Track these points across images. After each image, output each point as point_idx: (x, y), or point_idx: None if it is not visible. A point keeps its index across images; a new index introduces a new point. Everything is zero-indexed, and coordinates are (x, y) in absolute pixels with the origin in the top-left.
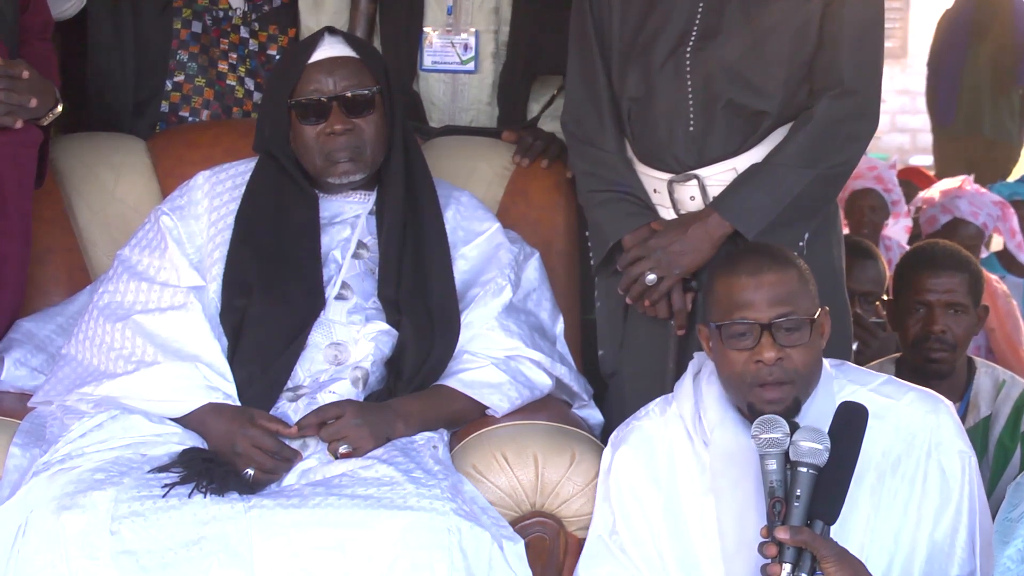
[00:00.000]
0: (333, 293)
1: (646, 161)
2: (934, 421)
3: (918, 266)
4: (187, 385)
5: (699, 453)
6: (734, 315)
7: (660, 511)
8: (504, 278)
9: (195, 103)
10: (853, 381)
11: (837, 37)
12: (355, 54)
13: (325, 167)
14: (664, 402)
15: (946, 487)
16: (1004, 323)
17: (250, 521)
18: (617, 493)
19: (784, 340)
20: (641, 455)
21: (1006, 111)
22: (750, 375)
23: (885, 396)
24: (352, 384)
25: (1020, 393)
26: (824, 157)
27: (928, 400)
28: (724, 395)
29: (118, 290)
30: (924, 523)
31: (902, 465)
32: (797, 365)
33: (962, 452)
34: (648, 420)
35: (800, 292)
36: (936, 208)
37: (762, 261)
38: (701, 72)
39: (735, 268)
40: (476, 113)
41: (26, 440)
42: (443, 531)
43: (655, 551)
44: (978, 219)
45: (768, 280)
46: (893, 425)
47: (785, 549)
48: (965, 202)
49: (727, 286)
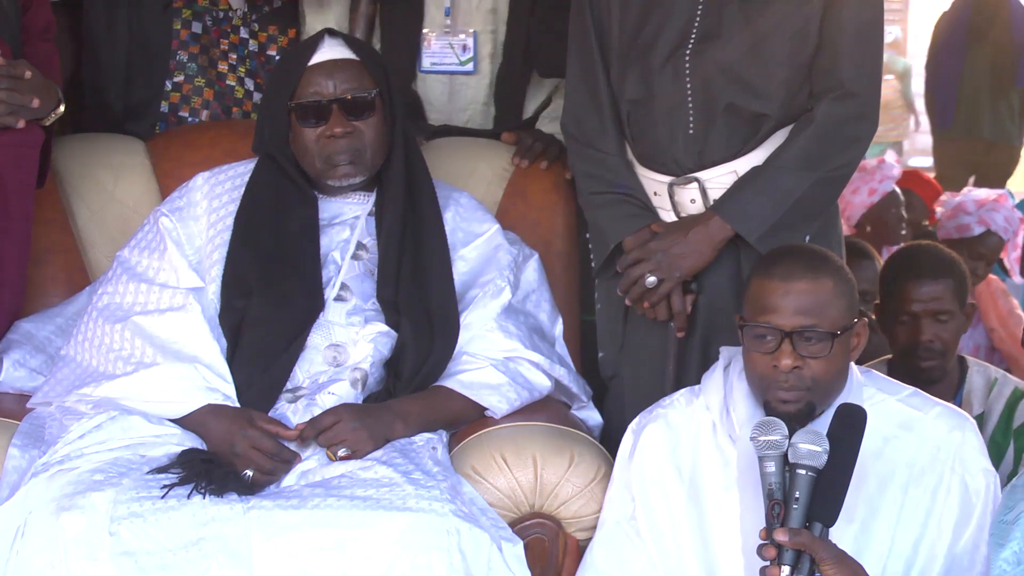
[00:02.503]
0: (332, 295)
1: (646, 163)
2: (960, 438)
3: (902, 274)
4: (186, 386)
5: (723, 447)
6: (759, 318)
7: (682, 502)
8: (503, 279)
9: (195, 103)
10: (882, 390)
11: (837, 38)
12: (355, 56)
13: (325, 169)
14: (690, 393)
15: (968, 503)
16: (1006, 321)
17: (249, 522)
18: (640, 480)
19: (804, 350)
20: (666, 444)
21: (1005, 113)
22: (769, 377)
23: (913, 408)
24: (351, 385)
25: (1012, 391)
26: (825, 160)
27: (955, 416)
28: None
29: (117, 291)
30: (944, 536)
31: (926, 477)
32: (816, 374)
33: (986, 471)
34: (673, 410)
35: (831, 303)
36: (972, 217)
37: (797, 267)
38: (700, 74)
39: (771, 270)
40: (473, 113)
41: (25, 441)
42: (442, 532)
43: (673, 542)
44: (1007, 234)
45: (798, 288)
46: (919, 437)
47: (784, 551)
48: (1001, 217)
49: (759, 286)
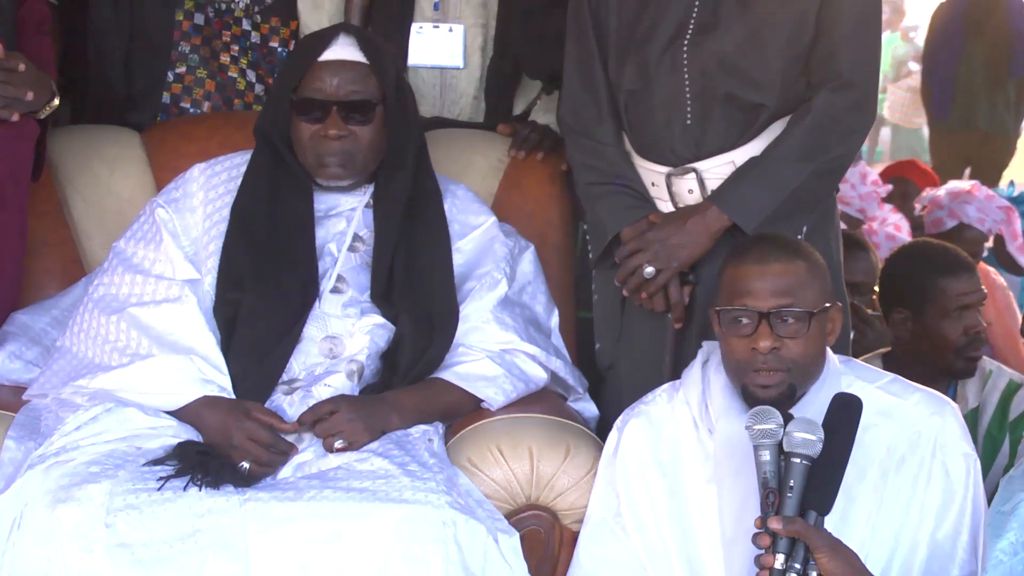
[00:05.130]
0: (328, 286)
1: (644, 154)
2: (940, 423)
3: (936, 271)
4: (182, 378)
5: (704, 441)
6: (735, 302)
7: (664, 496)
8: (499, 271)
9: (196, 94)
10: (860, 378)
11: (834, 29)
12: (366, 59)
13: (315, 166)
14: (672, 388)
15: (949, 488)
16: (1003, 316)
17: (245, 514)
18: (623, 476)
19: (782, 330)
20: (648, 439)
21: (1001, 104)
22: (746, 361)
23: (892, 394)
24: (347, 377)
25: (1007, 383)
26: (822, 151)
27: (935, 401)
28: (730, 384)
29: (113, 282)
30: (926, 522)
31: (906, 464)
32: (794, 355)
33: (967, 455)
34: (655, 406)
35: (806, 284)
36: (943, 211)
37: (770, 250)
38: (698, 65)
39: (744, 256)
40: (463, 107)
41: (21, 433)
42: (438, 524)
43: (658, 536)
44: (984, 225)
45: (773, 270)
46: (899, 423)
47: (779, 539)
48: (973, 208)
49: (734, 273)
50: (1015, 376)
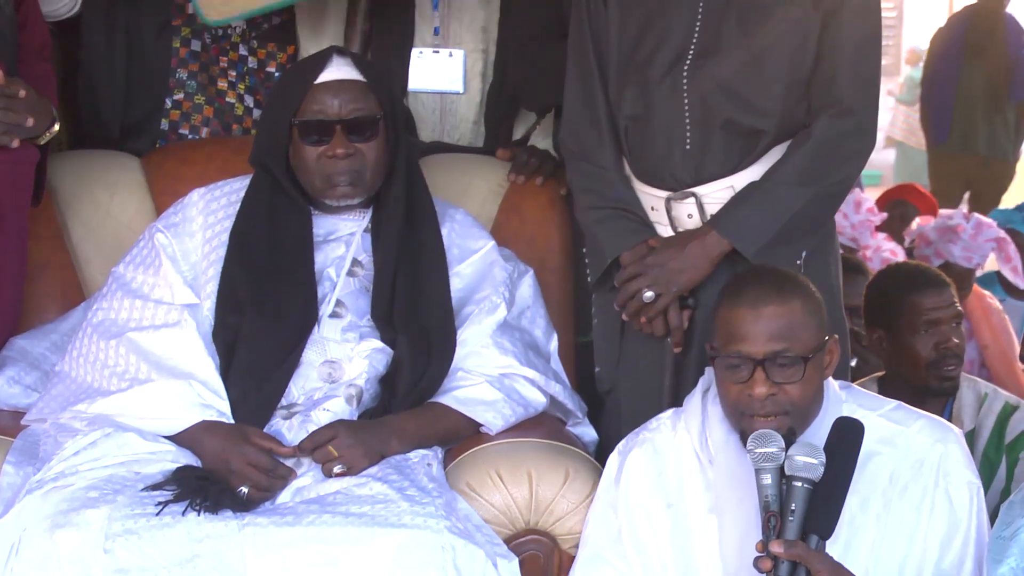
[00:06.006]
0: (328, 311)
1: (643, 178)
2: (943, 450)
3: (906, 288)
4: (181, 403)
5: (705, 470)
6: (730, 347)
7: (667, 526)
8: (498, 296)
9: (195, 121)
10: (863, 406)
11: (835, 55)
12: (362, 77)
13: (323, 188)
14: (675, 415)
15: (953, 517)
16: (999, 339)
17: (244, 539)
18: (625, 502)
19: (777, 376)
20: (652, 469)
21: (1001, 128)
22: (743, 405)
23: (895, 422)
24: (346, 402)
25: (1003, 406)
26: (823, 175)
27: (938, 428)
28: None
29: (112, 307)
30: (930, 552)
31: (909, 492)
32: (792, 398)
33: (971, 483)
34: (659, 433)
35: (802, 325)
36: (930, 250)
37: (764, 292)
38: (698, 90)
39: (738, 298)
40: (463, 132)
41: (19, 458)
42: (437, 549)
43: (659, 563)
44: (971, 262)
45: (767, 313)
46: (902, 451)
47: (780, 563)
48: (959, 248)
49: (728, 315)
50: (1011, 398)
